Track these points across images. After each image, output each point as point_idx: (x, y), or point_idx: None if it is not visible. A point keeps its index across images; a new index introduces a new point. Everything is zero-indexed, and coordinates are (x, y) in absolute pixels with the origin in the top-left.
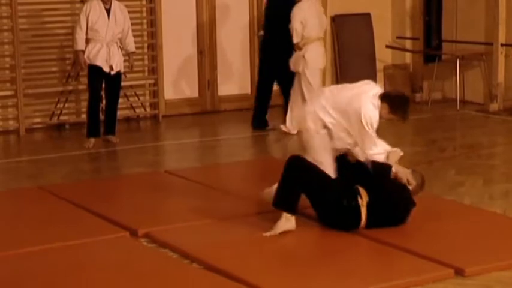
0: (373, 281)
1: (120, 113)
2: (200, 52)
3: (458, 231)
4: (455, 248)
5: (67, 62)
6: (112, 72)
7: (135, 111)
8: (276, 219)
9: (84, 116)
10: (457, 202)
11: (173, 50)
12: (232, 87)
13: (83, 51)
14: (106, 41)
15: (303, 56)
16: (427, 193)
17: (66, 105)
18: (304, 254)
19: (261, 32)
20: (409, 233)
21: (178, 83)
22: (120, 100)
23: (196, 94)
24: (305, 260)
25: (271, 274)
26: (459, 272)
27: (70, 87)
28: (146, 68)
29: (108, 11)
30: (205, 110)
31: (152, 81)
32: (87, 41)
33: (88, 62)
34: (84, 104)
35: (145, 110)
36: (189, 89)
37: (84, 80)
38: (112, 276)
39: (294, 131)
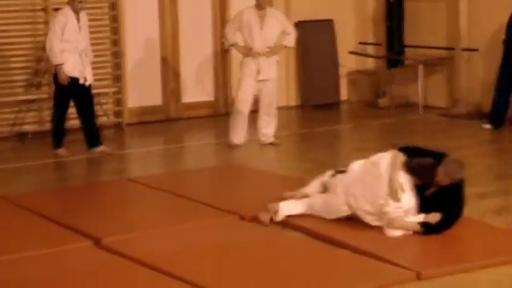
0: (334, 285)
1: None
2: (164, 59)
3: (420, 234)
4: (415, 252)
5: (28, 71)
6: (87, 84)
7: (98, 119)
8: (237, 227)
9: (47, 125)
10: None
11: (136, 57)
12: (196, 94)
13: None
14: (78, 51)
15: None
16: None
17: (29, 114)
18: (266, 261)
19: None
20: (370, 237)
21: (142, 90)
22: None
23: (160, 102)
24: (267, 267)
25: (233, 281)
26: (419, 275)
27: (32, 96)
28: (109, 76)
29: (78, 20)
30: (169, 118)
31: (115, 89)
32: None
33: None
34: (47, 113)
35: (108, 118)
36: (153, 97)
37: (46, 89)
38: (75, 286)
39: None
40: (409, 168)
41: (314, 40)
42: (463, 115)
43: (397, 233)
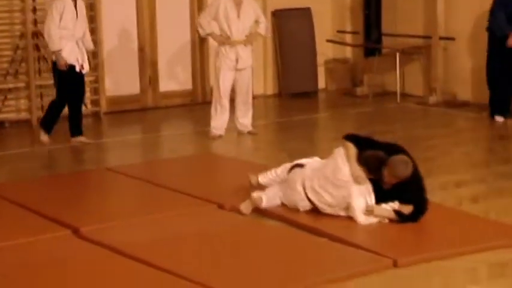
0: (312, 273)
1: None
2: (141, 48)
3: (397, 222)
4: (392, 239)
5: (6, 59)
6: (83, 72)
7: None
8: (215, 215)
9: (24, 114)
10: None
11: (114, 46)
12: (173, 83)
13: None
14: (75, 38)
15: None
16: None
17: (6, 103)
18: (245, 249)
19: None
20: (348, 225)
21: (120, 79)
22: None
23: (137, 91)
24: (246, 255)
25: (212, 269)
26: (396, 263)
27: (9, 85)
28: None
29: (75, 8)
30: (147, 107)
31: (93, 78)
32: None
33: None
34: (24, 101)
35: (86, 107)
36: (131, 86)
37: (23, 78)
38: (54, 275)
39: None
40: (361, 161)
41: (291, 28)
42: (440, 104)
43: (371, 220)
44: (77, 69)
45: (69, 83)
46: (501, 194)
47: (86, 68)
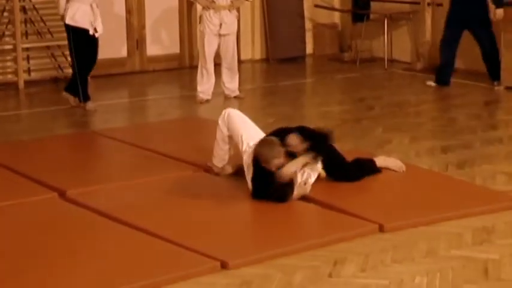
0: (296, 237)
1: (47, 73)
2: (128, 11)
3: (383, 186)
4: (378, 204)
5: None
6: (96, 35)
7: (62, 71)
8: (203, 180)
9: (10, 76)
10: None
11: (101, 9)
12: (160, 47)
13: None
14: (89, 2)
15: None
16: (356, 149)
17: None
18: (231, 213)
19: None
20: (334, 191)
21: (106, 43)
22: (47, 60)
23: (125, 54)
24: (232, 219)
25: (197, 233)
26: (382, 227)
27: None
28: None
29: None
30: (134, 70)
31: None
32: (67, 1)
33: (74, 24)
34: (10, 64)
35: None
36: (118, 49)
37: (9, 40)
38: (40, 237)
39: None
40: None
41: None
42: (426, 69)
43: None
44: (91, 32)
45: (83, 46)
46: (487, 160)
47: (100, 31)
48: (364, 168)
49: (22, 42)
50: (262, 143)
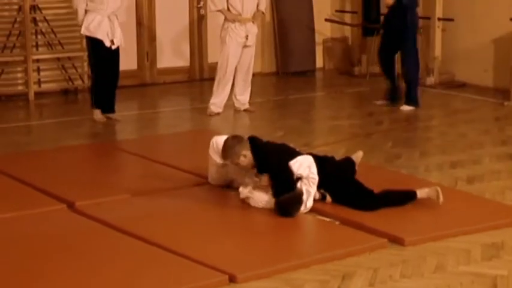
0: (308, 252)
1: (57, 85)
2: (139, 23)
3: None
4: (388, 218)
5: (3, 33)
6: (113, 47)
7: (73, 83)
8: (212, 193)
9: (20, 88)
10: (394, 171)
11: None
12: (171, 59)
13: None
14: (107, 13)
15: None
16: (365, 164)
17: (2, 76)
18: (238, 226)
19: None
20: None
21: None
22: (58, 72)
23: (135, 66)
24: (241, 232)
25: (206, 245)
26: (396, 241)
27: (6, 59)
28: (84, 39)
29: None
30: (144, 83)
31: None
32: (86, 12)
33: (88, 34)
34: (21, 75)
35: (83, 81)
36: (128, 61)
37: (20, 51)
38: (49, 249)
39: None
40: None
41: (290, 7)
42: (436, 85)
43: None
44: (107, 44)
45: (100, 58)
46: (496, 175)
47: (117, 43)
48: (390, 200)
49: (33, 53)
50: (232, 137)
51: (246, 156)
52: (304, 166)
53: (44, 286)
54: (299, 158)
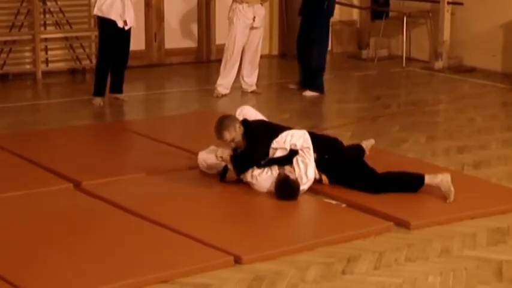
0: (314, 234)
1: (65, 65)
2: (147, 4)
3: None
4: (393, 201)
5: (11, 11)
6: (126, 28)
7: (80, 63)
8: (216, 175)
9: (28, 67)
10: (401, 156)
11: None
12: (178, 41)
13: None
14: None
15: None
16: (372, 147)
17: (10, 55)
18: (248, 209)
19: None
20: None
21: None
22: (66, 51)
23: (143, 47)
24: (247, 215)
25: (209, 227)
26: (402, 225)
27: (14, 37)
28: (92, 19)
29: None
30: (152, 63)
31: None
32: None
33: (100, 14)
34: (29, 54)
35: (91, 61)
36: (136, 42)
37: (27, 30)
38: (55, 228)
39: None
40: None
41: None
42: (445, 69)
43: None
44: (120, 25)
45: (111, 39)
46: (503, 161)
47: (130, 24)
48: (395, 185)
49: (40, 32)
50: (223, 116)
51: (239, 128)
52: (296, 136)
53: (51, 265)
54: (291, 131)
